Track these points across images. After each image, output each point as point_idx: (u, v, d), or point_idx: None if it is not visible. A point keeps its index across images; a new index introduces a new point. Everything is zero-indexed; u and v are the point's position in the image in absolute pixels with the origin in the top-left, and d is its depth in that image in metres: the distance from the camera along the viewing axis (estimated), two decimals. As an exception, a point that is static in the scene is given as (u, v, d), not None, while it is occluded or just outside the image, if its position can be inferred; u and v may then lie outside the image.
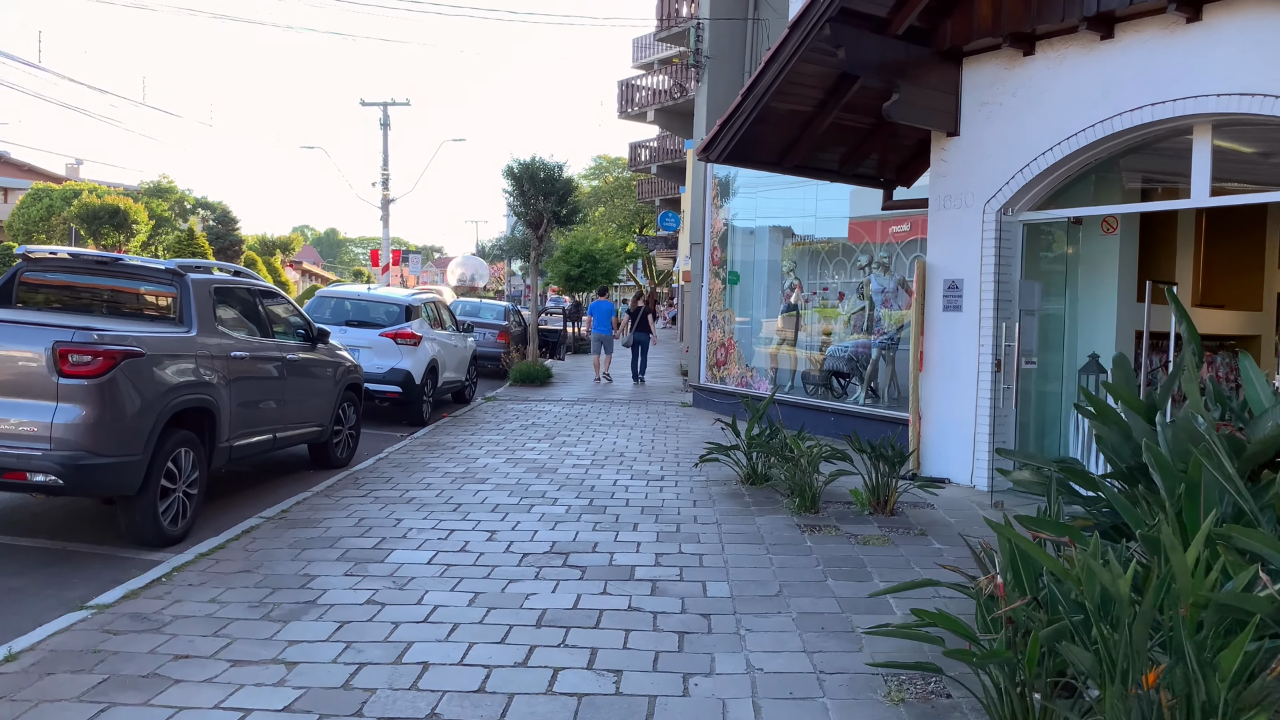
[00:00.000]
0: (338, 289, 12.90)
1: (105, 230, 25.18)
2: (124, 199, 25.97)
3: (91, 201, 25.32)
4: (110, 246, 25.53)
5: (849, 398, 12.11)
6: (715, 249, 14.61)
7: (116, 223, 25.23)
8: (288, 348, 8.06)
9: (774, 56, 7.82)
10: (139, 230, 26.14)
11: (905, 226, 12.21)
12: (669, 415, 13.71)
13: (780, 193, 13.98)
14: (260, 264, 29.80)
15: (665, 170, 32.30)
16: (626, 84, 25.17)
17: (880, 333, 11.66)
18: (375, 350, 11.71)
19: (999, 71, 7.99)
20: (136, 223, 25.97)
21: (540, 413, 13.51)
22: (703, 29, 16.49)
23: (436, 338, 12.86)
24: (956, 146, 8.35)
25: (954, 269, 8.33)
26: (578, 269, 26.82)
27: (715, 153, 8.49)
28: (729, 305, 14.45)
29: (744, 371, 13.78)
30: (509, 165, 17.48)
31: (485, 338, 19.08)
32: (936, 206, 8.52)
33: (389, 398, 11.80)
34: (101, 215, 25.04)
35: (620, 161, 61.99)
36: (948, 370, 8.36)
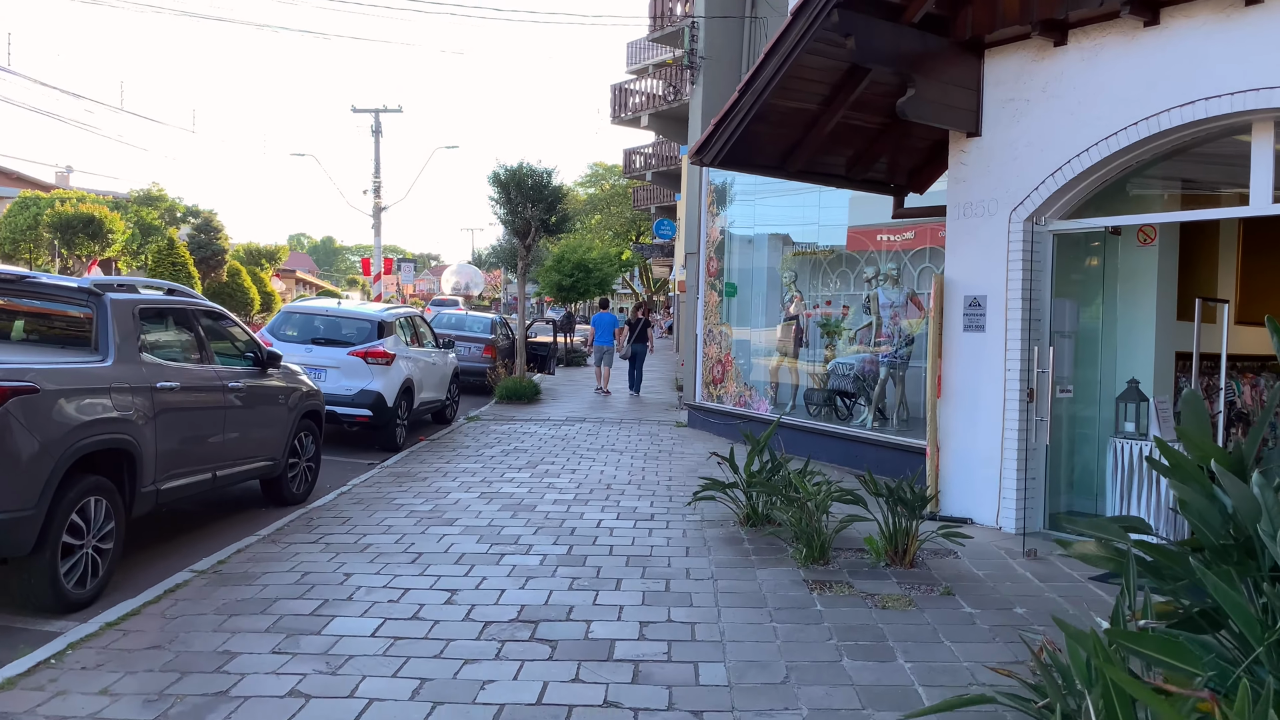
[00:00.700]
0: (305, 304, 12.04)
1: (80, 240, 24.29)
2: (99, 208, 25.10)
3: (65, 211, 24.42)
4: (85, 257, 24.67)
5: (855, 419, 11.24)
6: (711, 259, 13.76)
7: (91, 232, 24.32)
8: (231, 374, 7.19)
9: (775, 47, 6.98)
10: (115, 239, 25.24)
11: (910, 234, 11.38)
12: (662, 437, 12.84)
13: (780, 199, 13.14)
14: (244, 274, 28.92)
15: (660, 177, 31.48)
16: (620, 88, 24.36)
17: (889, 350, 10.80)
18: (343, 370, 10.83)
19: (1026, 64, 7.14)
20: (113, 232, 25.06)
21: (524, 435, 12.63)
22: (697, 29, 15.67)
23: (412, 355, 11.99)
24: (978, 148, 7.50)
25: (976, 284, 7.48)
26: (570, 279, 25.95)
27: (710, 155, 7.63)
28: (726, 319, 13.59)
29: (742, 390, 12.91)
30: (495, 172, 16.64)
31: (470, 351, 18.20)
32: (955, 215, 7.67)
33: (358, 422, 10.92)
34: (76, 224, 24.12)
35: (616, 169, 61.33)
36: (969, 397, 7.50)
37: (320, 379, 10.65)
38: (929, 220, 9.57)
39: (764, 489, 6.98)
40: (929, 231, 11.54)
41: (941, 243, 11.39)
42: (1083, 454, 7.92)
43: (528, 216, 16.59)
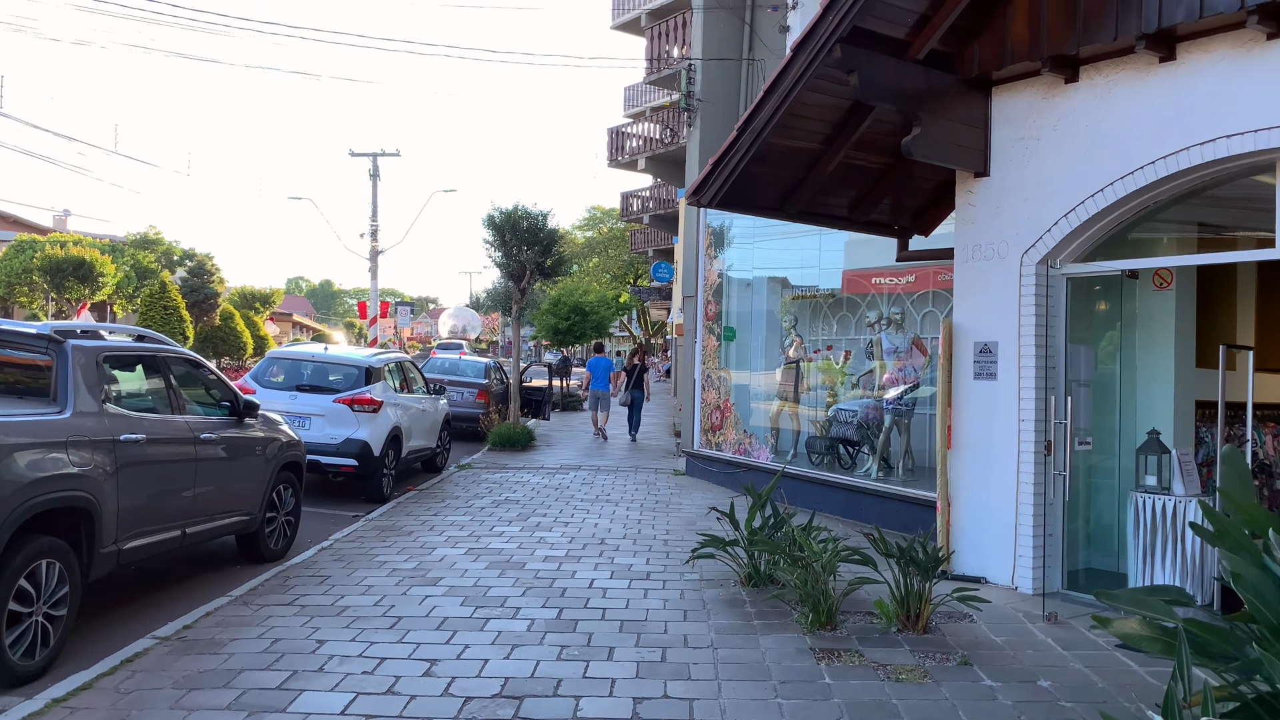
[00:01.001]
0: (291, 349, 11.70)
1: (70, 283, 24.01)
2: (90, 251, 24.89)
3: (55, 254, 24.18)
4: (74, 301, 24.38)
5: (859, 469, 10.85)
6: (709, 302, 13.46)
7: (81, 275, 24.06)
8: (205, 425, 6.82)
9: (775, 84, 6.71)
10: (106, 282, 24.97)
11: (910, 278, 11.11)
12: (659, 486, 12.43)
13: (779, 242, 12.88)
14: (238, 317, 28.63)
15: (658, 220, 31.34)
16: (616, 131, 24.26)
17: (893, 396, 10.45)
18: (328, 418, 10.46)
19: (1035, 102, 6.88)
20: (103, 275, 24.80)
21: (517, 484, 12.22)
22: (694, 71, 15.52)
23: (401, 402, 11.62)
24: (986, 189, 7.21)
25: (986, 330, 7.14)
26: (566, 322, 25.65)
27: (708, 196, 7.34)
28: (725, 363, 13.26)
29: (742, 437, 12.54)
30: (489, 214, 16.38)
31: (463, 397, 17.84)
32: (964, 258, 7.36)
33: (343, 472, 10.52)
34: (66, 268, 23.88)
35: (614, 212, 61.42)
36: (982, 449, 7.13)
37: (304, 427, 10.29)
38: (934, 263, 9.27)
39: (767, 548, 6.58)
40: (930, 275, 11.25)
41: (943, 286, 11.10)
42: (1101, 508, 7.54)
43: (523, 259, 16.32)
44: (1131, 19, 5.99)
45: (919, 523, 9.36)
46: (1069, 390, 6.77)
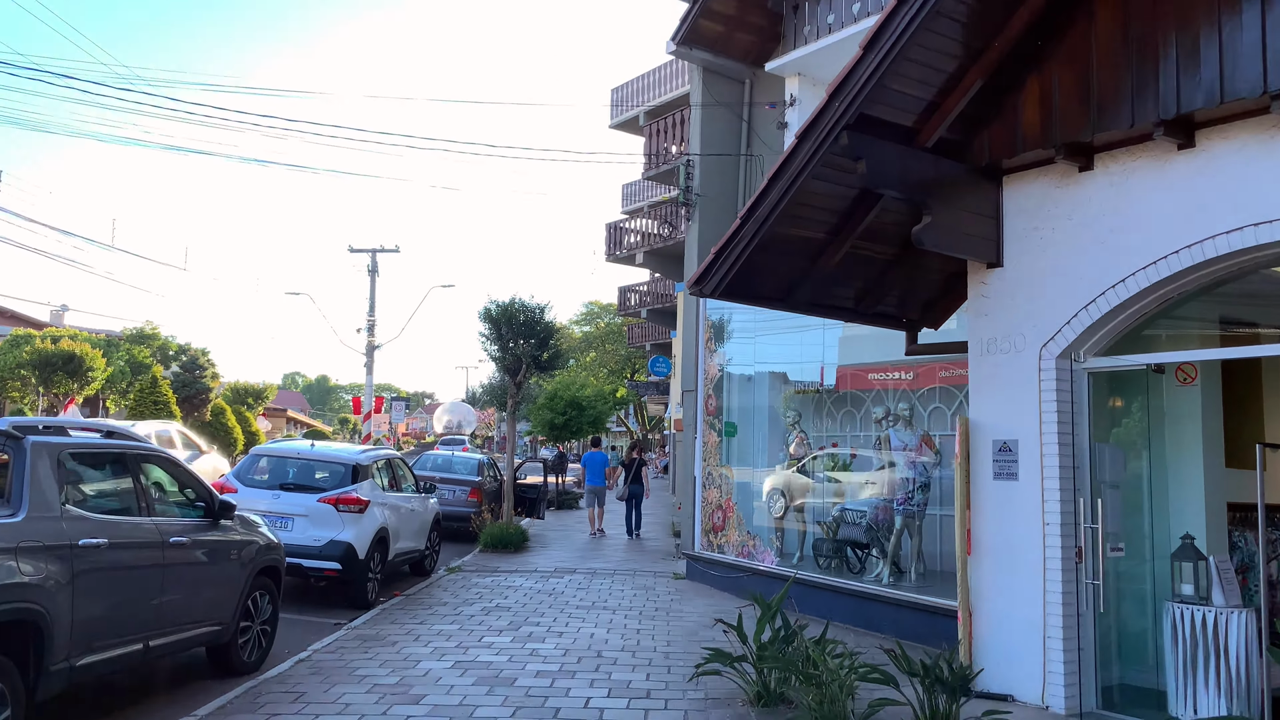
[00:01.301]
0: (275, 446, 11.27)
1: (59, 377, 23.69)
2: (81, 345, 24.65)
3: (45, 347, 23.91)
4: (62, 395, 24.01)
5: (869, 573, 10.34)
6: (710, 396, 13.11)
7: (71, 369, 23.77)
8: (174, 528, 6.37)
9: (780, 171, 6.50)
10: (95, 377, 24.64)
11: (909, 374, 10.81)
12: (659, 592, 11.86)
13: (780, 336, 12.62)
14: (229, 412, 28.22)
15: (655, 314, 31.26)
16: (615, 226, 24.33)
17: (903, 496, 10.01)
18: (312, 519, 9.97)
19: (1049, 190, 6.66)
20: (93, 369, 24.49)
21: (509, 589, 11.65)
22: (693, 166, 15.51)
23: (389, 501, 11.14)
24: (1000, 279, 6.94)
25: (1005, 428, 6.78)
26: (562, 417, 25.24)
27: (710, 285, 7.06)
28: (726, 460, 12.83)
29: (745, 539, 12.03)
30: (486, 307, 16.15)
31: (455, 495, 17.30)
32: (979, 351, 7.04)
33: (326, 576, 9.98)
34: (55, 362, 23.60)
35: (611, 307, 61.68)
36: (1005, 555, 6.68)
37: (287, 528, 9.83)
38: (946, 358, 8.96)
39: (778, 665, 6.07)
40: (932, 371, 10.95)
41: (947, 382, 10.78)
42: (1134, 618, 7.04)
43: (519, 352, 16.03)
44: (1149, 105, 5.80)
45: (937, 633, 8.82)
46: (1097, 492, 6.37)
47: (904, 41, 5.87)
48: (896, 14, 5.83)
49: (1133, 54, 5.93)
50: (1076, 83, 6.24)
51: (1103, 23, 6.12)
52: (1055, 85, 6.34)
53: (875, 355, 11.78)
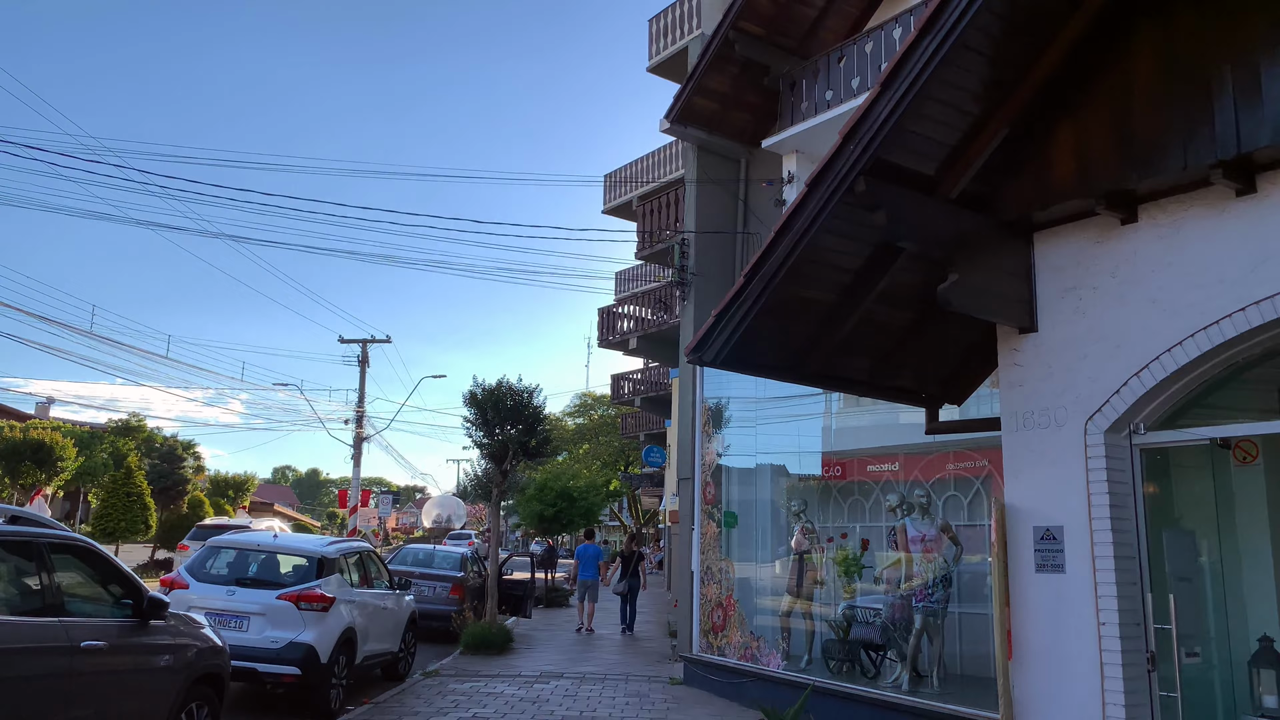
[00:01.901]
0: (234, 537, 10.33)
1: (26, 467, 22.73)
2: (52, 434, 23.77)
3: (13, 436, 23.00)
4: (29, 486, 23.00)
5: (886, 678, 9.35)
6: (708, 485, 12.25)
7: (39, 459, 22.83)
8: (90, 629, 5.47)
9: (788, 223, 5.83)
10: (65, 467, 23.67)
11: (896, 465, 10.04)
12: (654, 700, 10.79)
13: (782, 421, 11.87)
14: (207, 505, 27.15)
15: (649, 403, 30.50)
16: (608, 311, 23.78)
17: (922, 592, 9.09)
18: (270, 618, 8.99)
19: (1088, 247, 5.99)
20: (62, 459, 23.54)
21: (488, 697, 10.58)
22: (688, 245, 14.97)
23: (357, 599, 10.15)
24: (1035, 346, 6.21)
25: (1047, 512, 5.96)
26: (552, 508, 24.18)
27: (710, 352, 6.31)
28: (726, 554, 11.90)
29: (748, 640, 11.02)
30: (471, 390, 15.37)
31: (435, 592, 16.21)
32: (1013, 426, 6.27)
33: (284, 682, 8.95)
34: (23, 451, 22.67)
35: (604, 399, 60.98)
36: (1054, 660, 5.79)
37: (242, 628, 8.86)
38: (971, 437, 8.20)
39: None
40: (936, 463, 10.18)
41: (962, 474, 10.00)
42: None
43: (505, 438, 15.18)
44: (1203, 146, 5.17)
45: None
46: (1168, 586, 5.52)
47: (925, 77, 5.28)
48: (918, 46, 5.24)
49: (1181, 91, 5.33)
50: (1115, 125, 5.63)
51: (1143, 58, 5.54)
52: (1091, 128, 5.73)
53: (882, 440, 11.03)
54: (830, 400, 11.28)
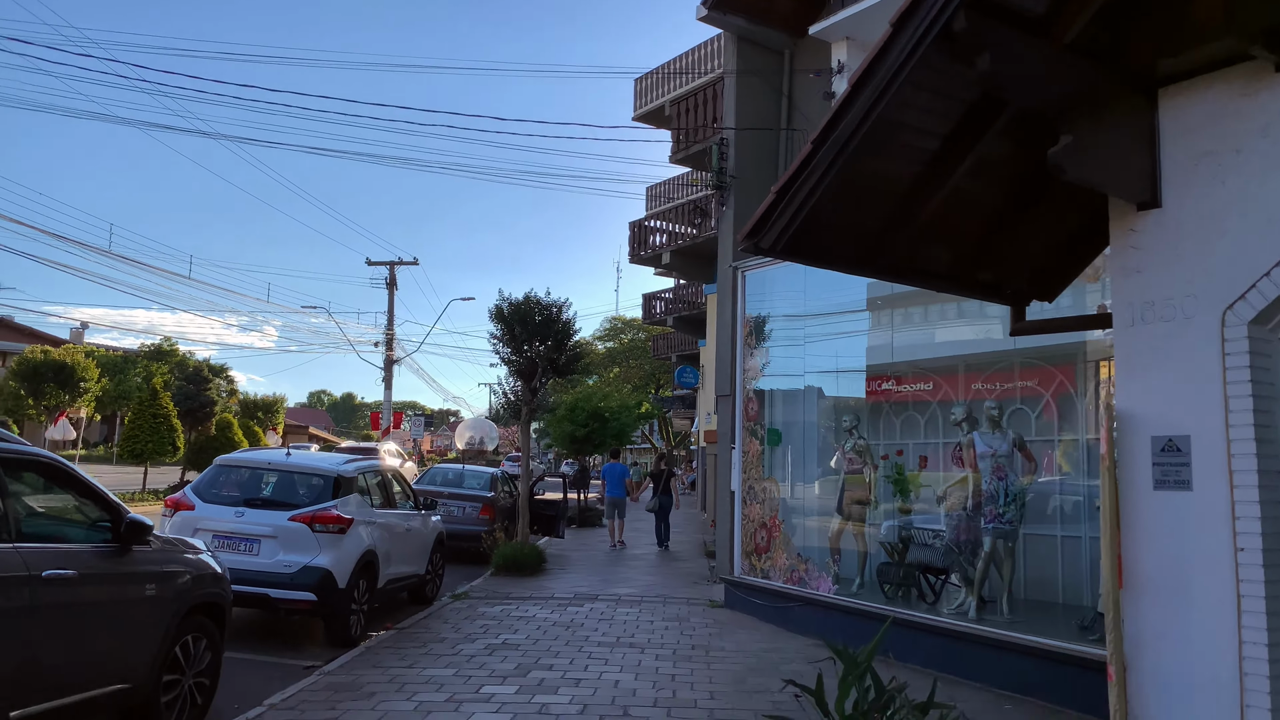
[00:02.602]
0: (243, 455, 9.65)
1: (49, 389, 22.34)
2: (75, 354, 23.32)
3: (33, 357, 22.56)
4: (53, 408, 22.67)
5: (951, 604, 8.59)
6: (750, 400, 11.41)
7: (61, 380, 22.41)
8: (55, 556, 4.76)
9: (865, 77, 4.83)
10: (89, 388, 23.25)
11: (993, 385, 9.14)
12: (694, 624, 10.13)
13: (827, 329, 10.96)
14: (236, 426, 26.77)
15: (681, 323, 29.59)
16: (639, 225, 22.71)
17: (992, 513, 8.26)
18: (282, 541, 8.35)
19: (1230, 101, 4.95)
20: (85, 380, 23.11)
21: (519, 621, 9.97)
22: (727, 145, 13.88)
23: (379, 520, 9.50)
24: (1158, 225, 5.22)
25: (1170, 420, 5.05)
26: (584, 429, 23.55)
27: (769, 237, 5.37)
28: (770, 472, 11.12)
29: (795, 562, 10.29)
30: (497, 305, 14.56)
31: (465, 512, 15.66)
32: (1127, 320, 5.32)
33: (298, 609, 8.35)
34: (44, 372, 22.25)
35: (635, 323, 60.24)
36: (1175, 588, 4.94)
37: (252, 551, 8.24)
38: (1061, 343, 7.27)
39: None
40: (999, 376, 9.27)
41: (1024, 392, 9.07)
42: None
43: (534, 355, 14.40)
44: (1401, -43, 4.09)
45: (1054, 685, 7.09)
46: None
47: (1046, -122, 4.21)
48: None
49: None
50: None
51: None
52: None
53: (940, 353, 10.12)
54: (880, 315, 10.36)
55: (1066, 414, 9.01)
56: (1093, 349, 8.53)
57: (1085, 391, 8.81)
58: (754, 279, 11.55)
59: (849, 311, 10.82)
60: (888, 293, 10.12)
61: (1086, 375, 8.79)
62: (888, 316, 10.60)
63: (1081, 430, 8.93)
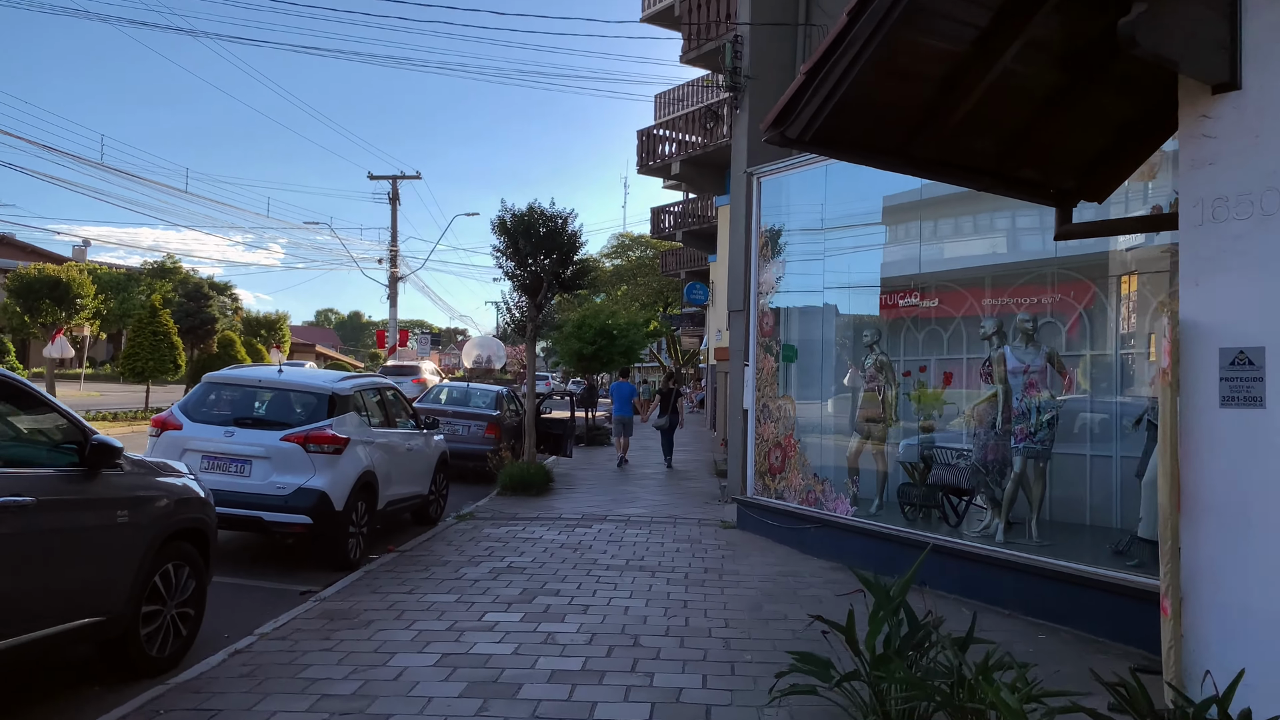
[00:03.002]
0: (233, 372, 9.20)
1: (45, 305, 21.91)
2: (72, 269, 22.84)
3: (28, 273, 22.07)
4: (50, 325, 22.27)
5: (977, 527, 8.20)
6: (765, 315, 10.90)
7: (57, 297, 21.97)
8: (13, 482, 4.33)
9: (912, -66, 4.18)
10: (85, 304, 22.81)
11: (1021, 299, 8.59)
12: (706, 546, 9.81)
13: (847, 241, 10.37)
14: (239, 343, 26.40)
15: (691, 237, 28.88)
16: (647, 134, 21.83)
17: (1023, 431, 7.81)
18: (275, 462, 7.96)
19: (1328, -38, 4.30)
20: (81, 297, 22.67)
21: (525, 542, 9.66)
22: (741, 43, 13.07)
23: (377, 439, 9.10)
24: (1236, 109, 4.62)
25: (1241, 329, 4.53)
26: (591, 346, 23.08)
27: (796, 125, 4.79)
28: (785, 390, 10.66)
29: (811, 483, 9.91)
30: (500, 216, 13.95)
31: (470, 431, 15.31)
32: (1196, 218, 4.76)
33: (293, 532, 8.01)
34: (39, 289, 21.79)
35: (643, 239, 59.35)
36: (1239, 515, 4.49)
37: (243, 473, 7.87)
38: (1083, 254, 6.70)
39: (917, 693, 3.94)
40: (1028, 289, 8.71)
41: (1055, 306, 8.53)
42: None
43: (538, 269, 13.85)
44: None
45: (1089, 614, 6.72)
46: None
47: None
48: None
49: None
50: None
51: None
52: None
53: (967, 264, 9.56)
54: (903, 226, 9.77)
55: (1099, 328, 8.49)
56: (1133, 258, 7.96)
57: (1118, 304, 8.27)
58: (770, 186, 10.93)
59: (869, 224, 10.23)
60: (913, 200, 9.53)
61: (1117, 288, 8.25)
62: (912, 228, 10.00)
63: (1114, 345, 8.42)
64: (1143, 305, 8.06)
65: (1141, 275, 7.99)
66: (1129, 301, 8.24)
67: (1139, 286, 8.06)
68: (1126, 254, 8.03)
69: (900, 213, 9.87)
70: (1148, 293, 7.95)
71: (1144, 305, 8.03)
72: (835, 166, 9.83)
